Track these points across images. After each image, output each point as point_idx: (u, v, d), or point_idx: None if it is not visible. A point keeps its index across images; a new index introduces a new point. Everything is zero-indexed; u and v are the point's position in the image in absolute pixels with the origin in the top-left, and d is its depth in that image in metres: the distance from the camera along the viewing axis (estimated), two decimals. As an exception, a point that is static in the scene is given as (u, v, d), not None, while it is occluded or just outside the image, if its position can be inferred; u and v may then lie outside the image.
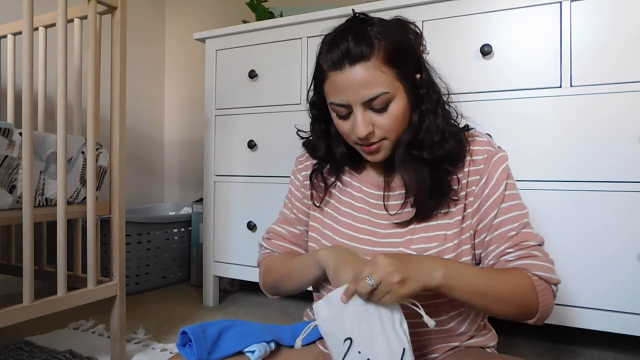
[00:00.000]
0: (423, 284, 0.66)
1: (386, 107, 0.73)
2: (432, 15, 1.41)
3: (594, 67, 1.25)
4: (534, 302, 0.73)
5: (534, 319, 0.75)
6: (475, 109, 1.32)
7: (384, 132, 0.75)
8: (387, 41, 0.72)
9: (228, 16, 2.51)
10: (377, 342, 0.65)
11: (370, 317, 0.67)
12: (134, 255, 2.00)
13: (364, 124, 0.73)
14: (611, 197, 1.22)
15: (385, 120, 0.74)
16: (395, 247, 0.79)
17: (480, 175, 0.78)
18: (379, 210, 0.83)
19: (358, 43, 0.71)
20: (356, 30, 0.73)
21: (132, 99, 2.49)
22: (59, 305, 1.12)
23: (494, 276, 0.73)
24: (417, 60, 0.77)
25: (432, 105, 0.78)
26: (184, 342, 0.77)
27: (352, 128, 0.76)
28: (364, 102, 0.73)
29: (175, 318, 1.68)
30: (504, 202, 0.77)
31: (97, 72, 1.24)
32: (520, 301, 0.73)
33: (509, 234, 0.76)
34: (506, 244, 0.76)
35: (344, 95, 0.73)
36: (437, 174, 0.77)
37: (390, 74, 0.72)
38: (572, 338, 1.47)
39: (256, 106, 1.76)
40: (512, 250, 0.76)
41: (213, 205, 1.85)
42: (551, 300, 0.74)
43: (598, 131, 1.24)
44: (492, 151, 0.79)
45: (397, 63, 0.73)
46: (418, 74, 0.77)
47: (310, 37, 1.65)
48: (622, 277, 1.21)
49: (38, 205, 1.15)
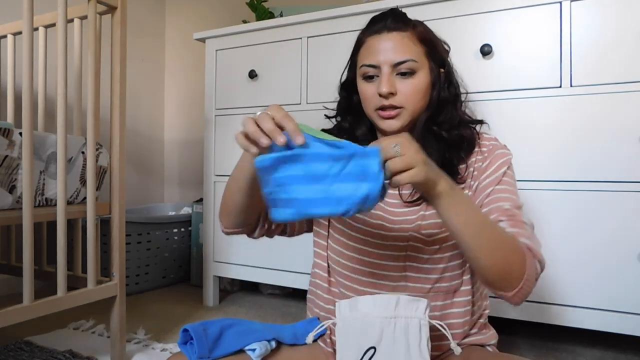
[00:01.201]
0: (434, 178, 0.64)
1: (412, 74, 0.80)
2: (432, 15, 1.40)
3: (594, 68, 1.25)
4: (521, 267, 0.70)
5: (514, 291, 0.70)
6: (475, 109, 1.32)
7: (404, 98, 0.80)
8: (421, 27, 0.83)
9: (228, 16, 2.51)
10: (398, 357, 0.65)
11: (397, 331, 0.66)
12: (134, 255, 2.00)
13: (388, 82, 0.79)
14: (612, 197, 1.22)
15: (407, 87, 0.80)
16: (406, 232, 0.81)
17: (482, 162, 0.82)
18: (391, 198, 0.85)
19: (397, 20, 0.81)
20: (396, 13, 0.83)
21: (132, 99, 2.49)
22: (59, 305, 1.12)
23: (490, 221, 0.74)
24: (442, 57, 0.85)
25: (450, 97, 0.84)
26: (185, 340, 0.77)
27: (375, 90, 0.81)
28: (393, 64, 0.79)
29: (175, 318, 1.68)
30: (500, 185, 0.79)
31: (97, 72, 1.24)
32: (509, 258, 0.70)
33: (503, 207, 0.76)
34: (499, 213, 0.76)
35: (377, 56, 0.80)
36: (449, 154, 0.81)
37: (420, 49, 0.81)
38: (572, 338, 1.47)
39: (256, 106, 1.76)
40: (505, 219, 0.75)
41: (213, 205, 1.85)
42: (534, 274, 0.71)
43: (598, 132, 1.24)
44: (497, 145, 0.84)
45: (427, 44, 0.82)
46: (442, 69, 0.84)
47: (310, 37, 1.65)
48: (623, 277, 1.21)
49: (38, 205, 1.15)
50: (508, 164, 0.82)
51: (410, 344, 0.66)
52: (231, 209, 0.83)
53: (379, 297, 0.69)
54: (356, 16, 1.54)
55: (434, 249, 0.80)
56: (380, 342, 0.66)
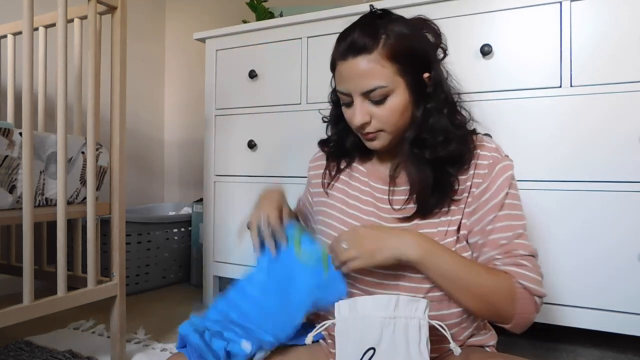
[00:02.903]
0: (395, 257, 0.72)
1: (384, 100, 0.76)
2: (432, 15, 1.38)
3: (595, 68, 1.25)
4: (510, 307, 0.72)
5: (509, 325, 0.74)
6: (475, 109, 1.31)
7: (381, 123, 0.78)
8: (394, 37, 0.74)
9: (228, 16, 2.51)
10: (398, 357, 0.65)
11: (396, 332, 0.66)
12: (134, 255, 2.00)
13: (360, 114, 0.77)
14: (613, 197, 1.22)
15: (382, 112, 0.77)
16: None
17: (482, 180, 0.78)
18: (384, 204, 0.84)
19: (363, 36, 0.74)
20: (365, 23, 0.77)
21: (132, 99, 2.49)
22: (59, 305, 1.12)
23: (473, 269, 0.74)
24: (426, 59, 0.79)
25: (437, 105, 0.79)
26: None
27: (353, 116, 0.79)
28: (362, 92, 0.76)
29: (175, 318, 1.68)
30: (502, 210, 0.77)
31: (97, 72, 1.24)
32: (494, 302, 0.73)
33: (500, 241, 0.76)
34: (496, 250, 0.76)
35: (346, 84, 0.77)
36: (439, 173, 0.78)
37: (391, 69, 0.74)
38: (572, 338, 1.47)
39: (256, 106, 1.76)
40: (501, 257, 0.75)
41: (213, 205, 1.85)
42: (531, 310, 0.73)
43: (598, 131, 1.24)
44: (498, 158, 0.79)
45: (400, 59, 0.75)
46: (427, 73, 0.78)
47: (310, 37, 1.65)
48: (621, 276, 1.21)
49: (38, 205, 1.15)
50: (510, 182, 0.78)
51: (410, 344, 0.66)
52: None
53: (379, 297, 0.68)
54: (356, 16, 1.53)
55: None
56: (380, 343, 0.66)
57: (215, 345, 0.73)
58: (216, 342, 0.73)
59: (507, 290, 0.72)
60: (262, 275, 0.81)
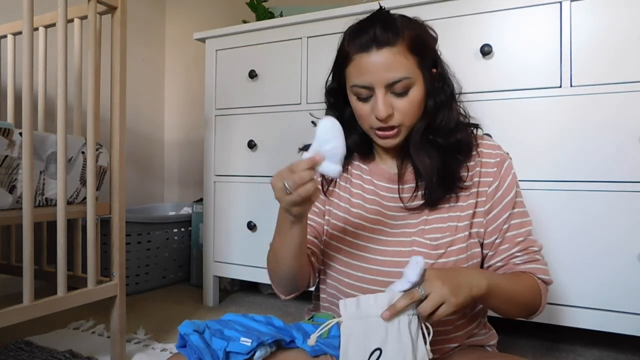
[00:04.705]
0: (472, 294, 0.69)
1: (406, 92, 0.77)
2: (432, 15, 1.41)
3: (595, 67, 1.25)
4: (538, 303, 0.81)
5: (533, 316, 0.84)
6: (475, 108, 1.31)
7: (402, 116, 0.78)
8: (411, 31, 0.77)
9: (228, 16, 2.51)
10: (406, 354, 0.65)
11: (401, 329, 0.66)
12: (134, 255, 2.00)
13: (385, 106, 0.76)
14: (612, 197, 1.22)
15: (404, 104, 0.77)
16: (409, 237, 0.81)
17: (493, 178, 0.82)
18: (391, 202, 0.85)
19: (385, 30, 0.75)
20: (383, 19, 0.78)
21: (132, 99, 2.49)
22: (59, 305, 1.12)
23: (515, 282, 0.79)
24: (434, 56, 0.82)
25: (446, 99, 0.82)
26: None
27: (370, 111, 0.78)
28: (387, 84, 0.76)
29: (175, 318, 1.68)
30: (515, 208, 0.82)
31: (97, 72, 1.24)
32: (531, 303, 0.80)
33: (517, 239, 0.82)
34: (515, 248, 0.82)
35: (368, 77, 0.76)
36: (448, 160, 0.80)
37: (413, 61, 0.76)
38: (572, 338, 1.47)
39: (256, 106, 1.76)
40: (520, 254, 0.82)
41: (213, 205, 1.85)
42: (546, 299, 0.83)
43: (598, 131, 1.24)
44: (504, 156, 0.84)
45: (419, 52, 0.77)
46: (434, 69, 0.82)
47: (310, 37, 1.65)
48: (621, 277, 1.21)
49: (38, 205, 1.15)
50: (516, 180, 0.84)
51: (418, 345, 0.66)
52: (285, 277, 0.83)
53: (380, 296, 0.68)
54: (356, 16, 1.53)
55: (438, 253, 0.79)
56: (386, 342, 0.66)
57: (214, 345, 0.72)
58: (216, 342, 0.73)
59: (536, 290, 0.80)
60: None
